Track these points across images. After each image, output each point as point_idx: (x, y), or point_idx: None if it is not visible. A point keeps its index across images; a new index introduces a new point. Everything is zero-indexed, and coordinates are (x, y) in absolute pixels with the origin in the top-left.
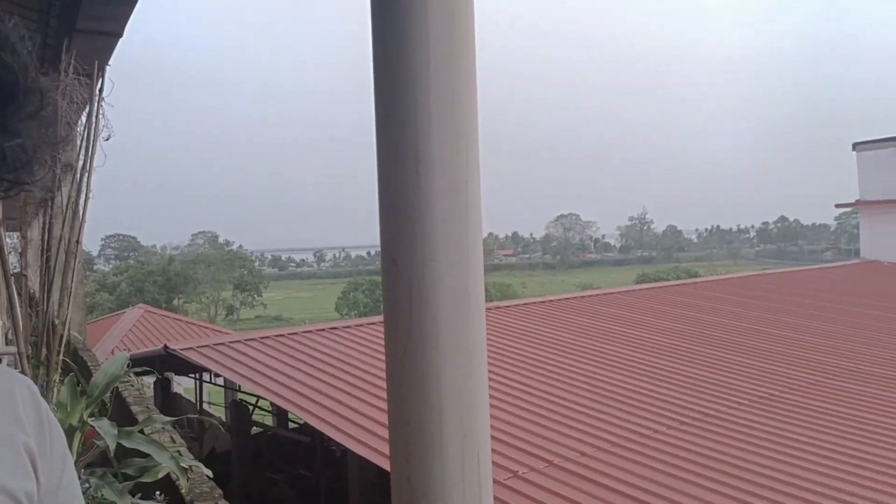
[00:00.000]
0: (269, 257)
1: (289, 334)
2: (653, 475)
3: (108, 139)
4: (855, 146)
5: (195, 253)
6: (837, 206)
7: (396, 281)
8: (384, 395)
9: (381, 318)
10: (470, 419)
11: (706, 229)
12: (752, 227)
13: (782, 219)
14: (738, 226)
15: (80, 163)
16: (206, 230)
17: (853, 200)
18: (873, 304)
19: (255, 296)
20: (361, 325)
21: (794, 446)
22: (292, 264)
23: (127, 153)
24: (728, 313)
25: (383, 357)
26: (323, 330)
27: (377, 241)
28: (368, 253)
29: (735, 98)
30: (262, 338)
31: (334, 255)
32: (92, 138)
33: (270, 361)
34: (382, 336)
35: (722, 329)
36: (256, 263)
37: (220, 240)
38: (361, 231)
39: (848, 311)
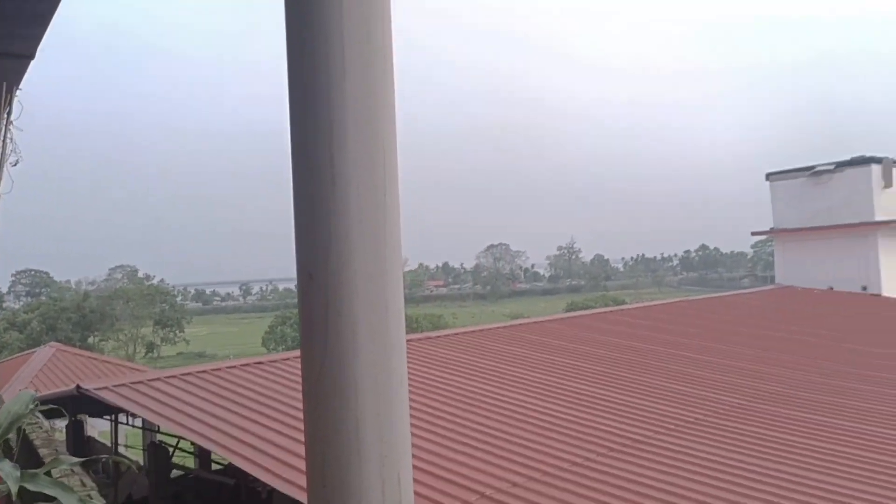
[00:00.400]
0: (193, 291)
1: (211, 370)
2: (585, 503)
3: (15, 164)
4: (768, 176)
5: (112, 288)
6: (753, 233)
7: (313, 296)
8: None
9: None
10: (390, 437)
11: (632, 258)
12: (675, 255)
13: (703, 247)
14: (662, 254)
15: None
16: (124, 264)
17: (768, 229)
18: (789, 328)
19: (178, 332)
20: (288, 359)
21: (722, 470)
22: (217, 298)
23: (36, 181)
24: (654, 339)
25: None
26: (248, 364)
27: None
28: (296, 286)
29: (656, 132)
30: (183, 374)
31: (261, 289)
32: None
33: (192, 399)
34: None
35: (648, 355)
36: (179, 298)
37: (140, 274)
38: (289, 263)
39: (766, 335)
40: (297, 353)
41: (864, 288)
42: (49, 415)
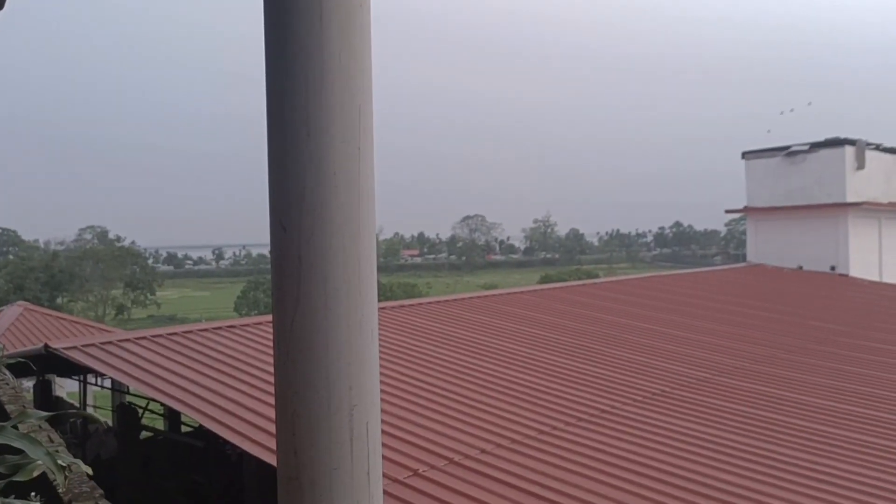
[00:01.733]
0: (165, 254)
1: (183, 332)
2: (551, 471)
3: None
4: (744, 155)
5: (82, 249)
6: (727, 211)
7: (285, 247)
8: None
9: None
10: (359, 388)
11: (607, 233)
12: (650, 231)
13: (677, 224)
14: (637, 230)
15: None
16: (95, 225)
17: (741, 207)
18: (758, 304)
19: (148, 294)
20: (260, 324)
21: (687, 441)
22: (189, 262)
23: (4, 137)
24: (624, 313)
25: None
26: (220, 328)
27: None
28: (270, 237)
29: (636, 106)
30: (154, 336)
31: (234, 253)
32: None
33: (162, 361)
34: None
35: (618, 328)
36: (150, 260)
37: (111, 235)
38: (263, 228)
39: (735, 311)
40: (269, 317)
41: (833, 268)
42: (17, 373)
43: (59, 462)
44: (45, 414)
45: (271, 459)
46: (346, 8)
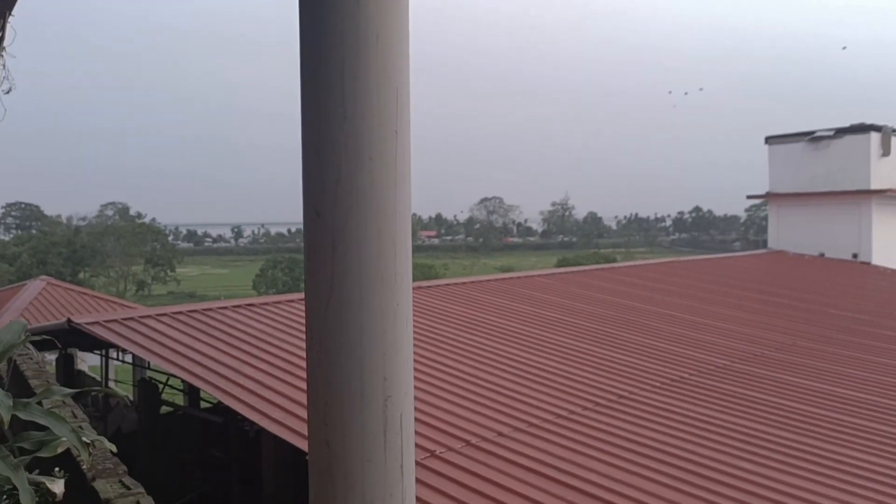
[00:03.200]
0: (185, 231)
1: (203, 310)
2: (569, 455)
3: (8, 92)
4: (767, 140)
5: (104, 224)
6: (749, 197)
7: (319, 234)
8: (301, 372)
9: (300, 295)
10: (394, 379)
11: (625, 217)
12: (669, 216)
13: (696, 209)
14: (656, 214)
15: None
16: (116, 201)
17: (763, 193)
18: (778, 291)
19: (168, 271)
20: (280, 303)
21: (705, 428)
22: (209, 239)
23: (30, 112)
24: (643, 298)
25: (302, 335)
26: (240, 306)
27: (298, 218)
28: (289, 230)
29: (651, 92)
30: (175, 313)
31: (253, 232)
32: None
33: (183, 338)
34: (302, 314)
35: (637, 313)
36: (170, 237)
37: (132, 212)
38: (282, 207)
39: (755, 297)
40: (290, 296)
41: (855, 255)
42: (40, 347)
43: (84, 439)
44: (69, 391)
45: (289, 437)
46: None
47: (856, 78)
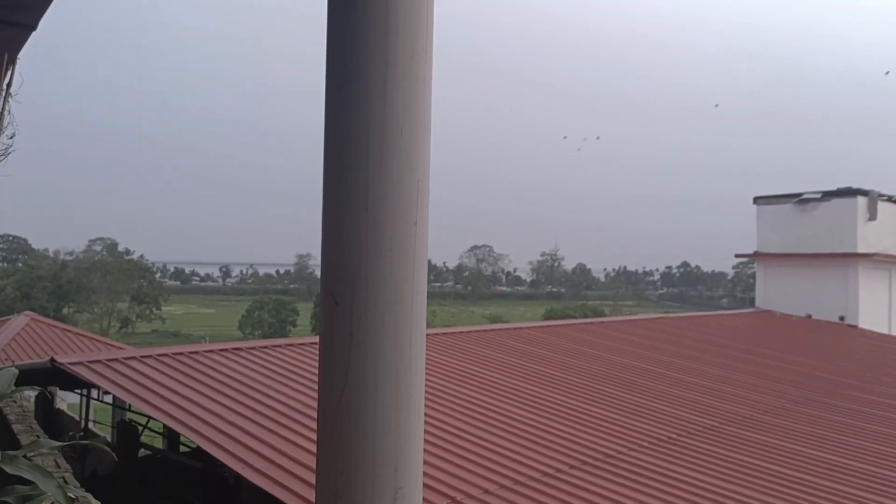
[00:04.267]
0: (172, 269)
1: (189, 353)
2: None
3: (12, 137)
4: (755, 200)
5: (91, 260)
6: (737, 256)
7: (336, 321)
8: (285, 421)
9: (287, 340)
10: (404, 470)
11: (613, 269)
12: (657, 270)
13: (684, 264)
14: (644, 268)
15: None
16: (105, 237)
17: (751, 252)
18: (766, 352)
19: (154, 309)
20: (266, 347)
21: (692, 491)
22: (196, 278)
23: (20, 145)
24: (632, 354)
25: (286, 381)
26: (226, 350)
27: (286, 259)
28: (277, 271)
29: (645, 145)
30: (159, 355)
31: (241, 272)
32: None
33: (166, 381)
34: (286, 359)
35: (626, 370)
36: (157, 275)
37: (120, 248)
38: (270, 248)
39: (743, 357)
40: (276, 341)
41: (842, 318)
42: (19, 382)
43: (69, 494)
44: (56, 444)
45: (269, 487)
46: (409, 84)
47: (839, 141)
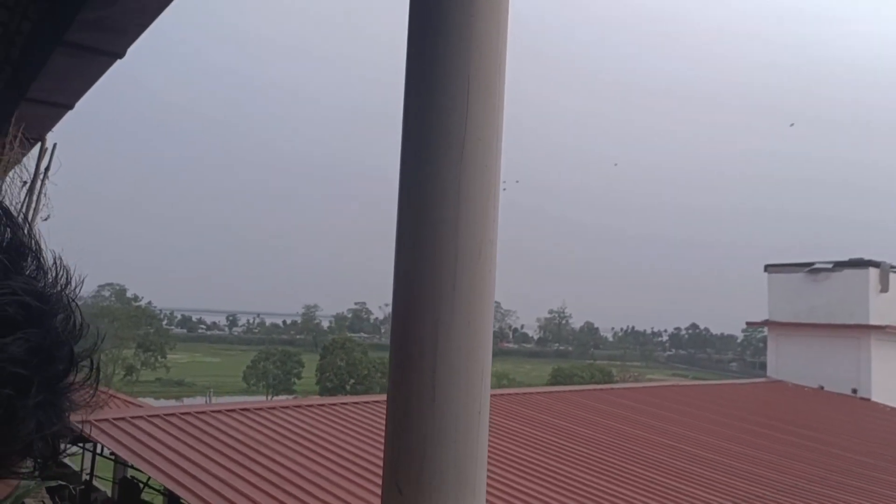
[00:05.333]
0: (179, 316)
1: (196, 413)
2: None
3: (46, 219)
4: (766, 268)
5: (99, 305)
6: (748, 324)
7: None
8: (287, 486)
9: (295, 401)
10: None
11: (622, 329)
12: (665, 331)
13: (693, 326)
14: (652, 328)
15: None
16: (114, 282)
17: (761, 319)
18: (779, 425)
19: (159, 357)
20: (274, 408)
21: None
22: (202, 326)
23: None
24: (641, 424)
25: (292, 444)
26: (233, 410)
27: (294, 309)
28: (284, 322)
29: (658, 208)
30: (167, 415)
31: (248, 321)
32: (29, 218)
33: (172, 442)
34: (293, 421)
35: (636, 442)
36: (164, 322)
37: (129, 293)
38: (279, 298)
39: (755, 431)
40: (283, 402)
41: (855, 391)
42: None
43: None
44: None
45: None
46: (475, 273)
47: (853, 214)
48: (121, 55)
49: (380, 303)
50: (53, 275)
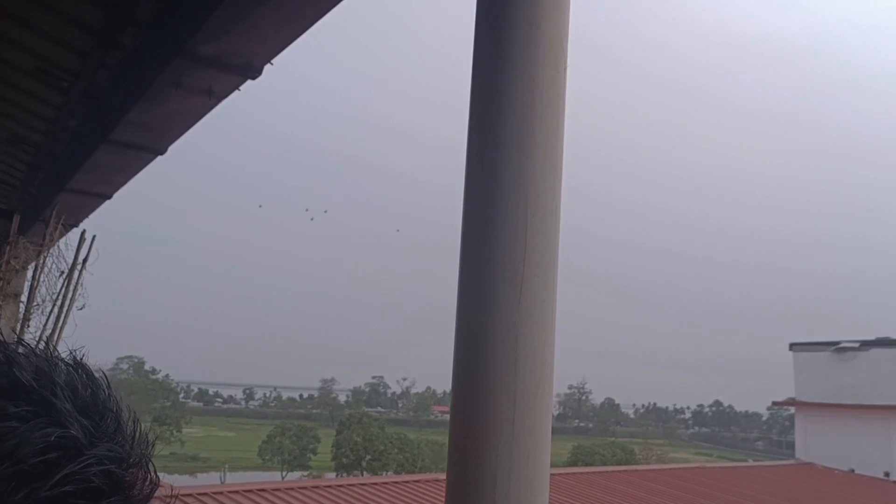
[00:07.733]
0: (196, 390)
1: (213, 493)
2: None
3: (81, 308)
4: (792, 346)
5: (118, 378)
6: (775, 403)
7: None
8: None
9: (313, 482)
10: None
11: (643, 405)
12: (688, 408)
13: (717, 403)
14: (675, 405)
15: (49, 332)
16: (133, 355)
17: (786, 397)
18: None
19: (175, 431)
20: (292, 489)
21: None
22: (219, 399)
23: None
24: None
25: None
26: (251, 491)
27: (310, 383)
28: (301, 395)
29: (675, 285)
30: (184, 495)
31: (264, 395)
32: (66, 307)
33: None
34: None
35: None
36: (181, 395)
37: (147, 366)
38: (295, 372)
39: None
40: (302, 482)
41: (887, 474)
42: None
43: None
44: None
45: None
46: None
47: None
48: (161, 152)
49: (397, 377)
50: (129, 432)
